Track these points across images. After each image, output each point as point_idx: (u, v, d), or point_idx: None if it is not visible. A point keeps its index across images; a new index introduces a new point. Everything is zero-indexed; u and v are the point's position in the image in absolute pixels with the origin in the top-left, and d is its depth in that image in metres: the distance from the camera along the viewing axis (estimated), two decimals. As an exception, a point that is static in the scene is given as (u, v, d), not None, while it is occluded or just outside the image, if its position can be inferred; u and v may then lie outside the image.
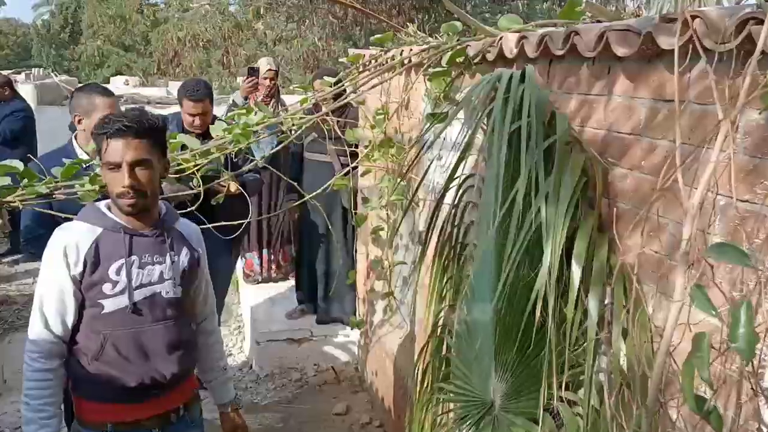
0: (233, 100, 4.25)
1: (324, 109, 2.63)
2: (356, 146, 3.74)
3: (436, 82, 1.92)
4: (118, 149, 1.59)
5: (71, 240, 1.65)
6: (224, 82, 14.15)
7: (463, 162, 2.01)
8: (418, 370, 2.18)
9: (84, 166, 2.12)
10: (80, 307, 1.68)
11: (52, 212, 1.98)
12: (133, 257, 1.68)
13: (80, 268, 1.64)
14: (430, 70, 1.95)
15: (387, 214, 3.03)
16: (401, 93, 2.77)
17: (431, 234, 2.20)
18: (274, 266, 4.78)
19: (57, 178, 2.12)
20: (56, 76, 9.62)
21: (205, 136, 2.93)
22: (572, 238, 1.34)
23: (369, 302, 3.61)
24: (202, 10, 13.87)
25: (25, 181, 2.12)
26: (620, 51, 1.25)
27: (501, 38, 1.72)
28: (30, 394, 1.64)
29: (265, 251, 4.72)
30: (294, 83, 16.11)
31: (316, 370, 4.01)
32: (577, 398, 1.43)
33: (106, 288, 1.66)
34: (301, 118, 2.30)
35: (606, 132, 1.41)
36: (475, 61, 1.85)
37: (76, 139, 2.46)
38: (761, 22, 0.92)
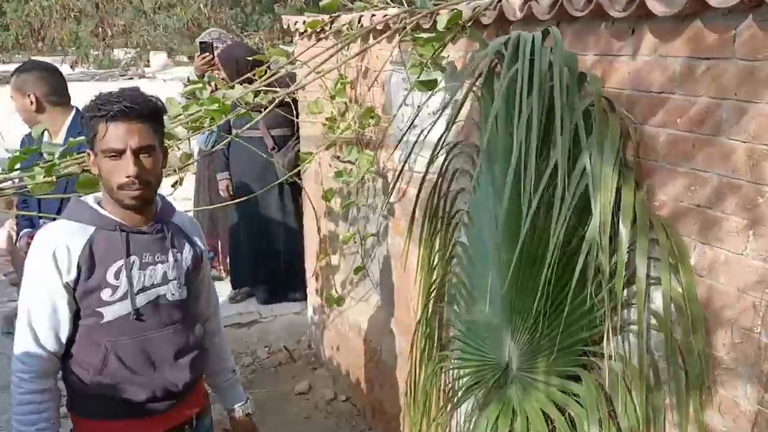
0: (188, 78, 3.95)
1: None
2: (295, 118, 3.60)
3: (426, 48, 1.86)
4: (121, 134, 1.40)
5: (60, 242, 1.44)
6: (102, 54, 13.05)
7: (447, 130, 2.00)
8: (416, 340, 2.17)
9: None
10: (74, 318, 1.49)
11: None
12: (133, 257, 1.50)
13: (74, 274, 1.44)
14: (420, 35, 1.88)
15: (343, 187, 2.95)
16: (358, 62, 2.68)
17: (416, 204, 2.18)
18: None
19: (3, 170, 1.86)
20: None
21: None
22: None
23: (324, 278, 3.53)
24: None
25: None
26: (659, 10, 1.27)
27: (499, 2, 1.69)
28: (22, 420, 1.45)
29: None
30: (180, 53, 15.15)
31: (268, 351, 3.90)
32: (609, 351, 1.48)
33: (105, 294, 1.47)
34: (269, 92, 2.15)
35: (631, 91, 1.43)
36: (465, 27, 1.81)
37: None
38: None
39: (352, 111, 2.54)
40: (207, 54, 3.77)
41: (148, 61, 14.36)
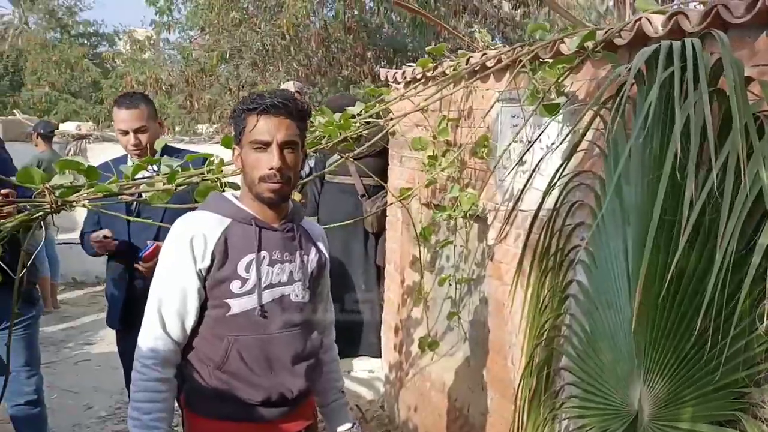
0: None
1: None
2: (385, 167, 3.60)
3: (551, 73, 1.82)
4: (270, 127, 1.45)
5: (198, 230, 1.47)
6: (187, 126, 13.87)
7: (567, 160, 1.91)
8: (521, 388, 1.99)
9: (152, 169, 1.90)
10: (200, 309, 1.48)
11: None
12: (263, 253, 1.50)
13: (207, 262, 1.45)
14: (545, 60, 1.84)
15: (418, 234, 2.83)
16: (460, 103, 2.66)
17: (526, 244, 2.06)
18: None
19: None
20: (19, 113, 9.28)
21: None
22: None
23: (405, 332, 3.38)
24: (164, 54, 13.68)
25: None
26: None
27: (638, 20, 1.64)
28: (141, 408, 1.42)
29: None
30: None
31: (339, 410, 3.71)
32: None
33: (235, 286, 1.46)
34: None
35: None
36: (598, 48, 1.76)
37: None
38: None
39: (452, 152, 2.50)
40: None
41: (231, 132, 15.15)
